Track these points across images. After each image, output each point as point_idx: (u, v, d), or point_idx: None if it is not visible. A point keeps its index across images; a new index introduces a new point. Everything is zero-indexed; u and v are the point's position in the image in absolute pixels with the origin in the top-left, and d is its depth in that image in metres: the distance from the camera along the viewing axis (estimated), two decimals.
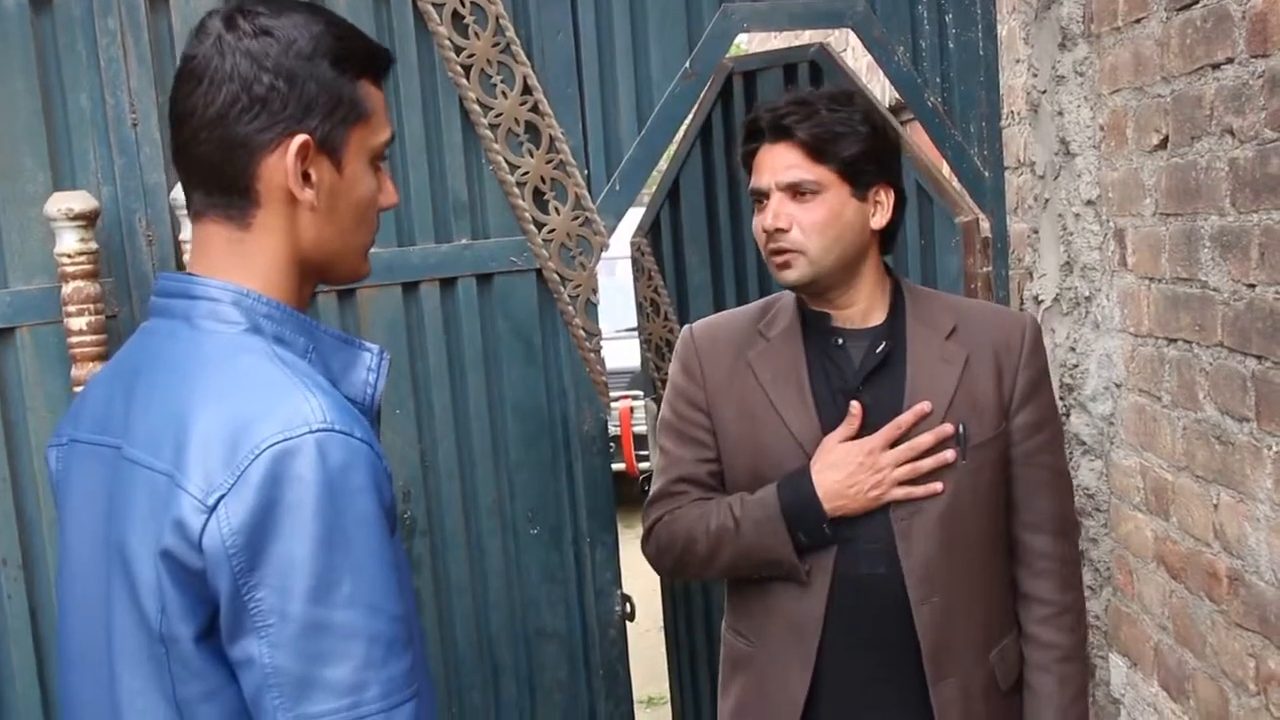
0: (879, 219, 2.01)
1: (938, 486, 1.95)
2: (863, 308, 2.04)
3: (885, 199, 2.01)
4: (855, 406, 1.97)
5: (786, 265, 1.98)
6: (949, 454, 1.95)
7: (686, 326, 2.22)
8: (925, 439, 1.95)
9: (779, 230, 1.96)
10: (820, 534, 1.97)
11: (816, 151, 1.95)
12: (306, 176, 1.30)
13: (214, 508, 1.15)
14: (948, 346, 2.02)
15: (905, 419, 1.96)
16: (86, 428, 1.36)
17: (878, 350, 2.02)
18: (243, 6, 1.29)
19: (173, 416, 1.21)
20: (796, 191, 1.96)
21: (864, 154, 1.96)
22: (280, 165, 1.28)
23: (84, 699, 1.32)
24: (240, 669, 1.18)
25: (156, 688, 1.22)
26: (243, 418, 1.18)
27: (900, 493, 1.95)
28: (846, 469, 1.95)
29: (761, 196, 2.00)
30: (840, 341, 2.05)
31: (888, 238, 2.06)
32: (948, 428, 1.96)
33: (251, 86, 1.26)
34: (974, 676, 2.00)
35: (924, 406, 1.97)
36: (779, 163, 1.97)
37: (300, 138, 1.28)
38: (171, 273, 1.33)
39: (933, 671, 1.99)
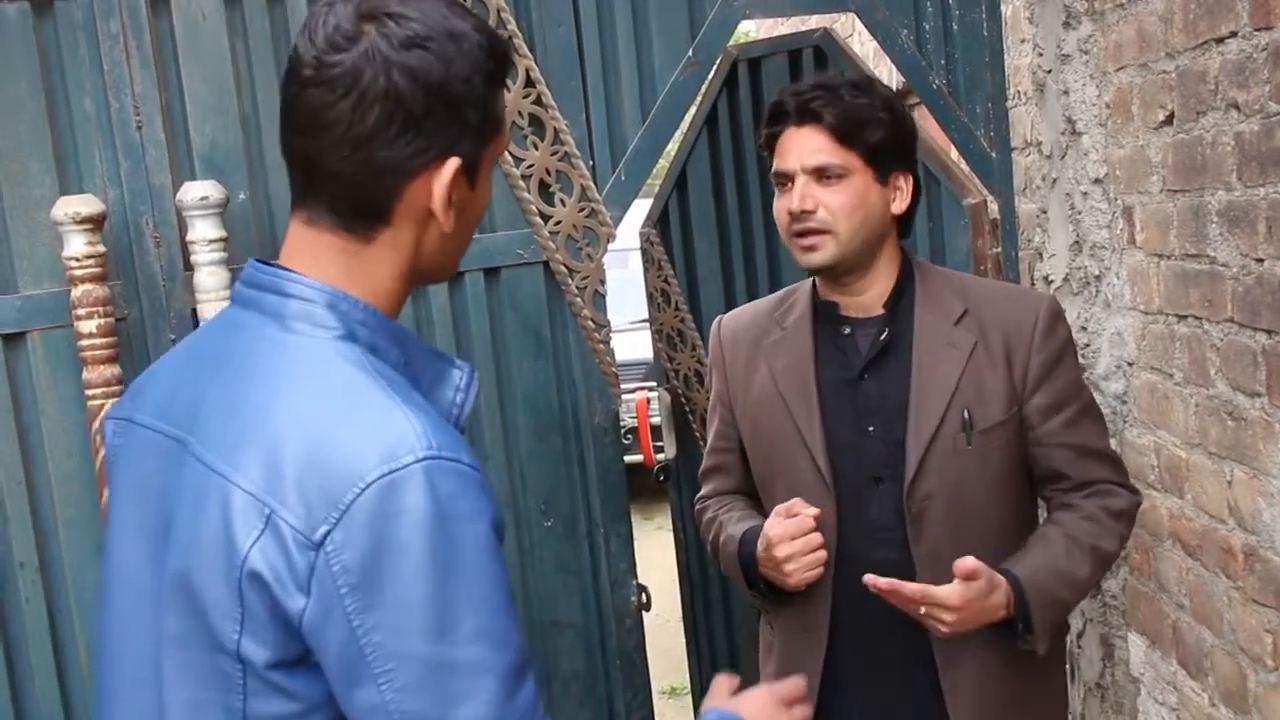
0: (899, 204, 2.04)
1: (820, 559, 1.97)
2: (874, 294, 2.06)
3: (905, 185, 2.04)
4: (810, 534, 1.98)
5: (812, 248, 1.99)
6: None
7: (717, 319, 2.30)
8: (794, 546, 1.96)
9: (805, 212, 1.97)
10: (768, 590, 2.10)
11: (844, 136, 1.97)
12: (450, 198, 1.23)
13: (320, 544, 1.08)
14: (956, 332, 2.02)
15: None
16: (148, 411, 1.28)
17: (881, 338, 2.03)
18: (386, 7, 1.18)
19: (261, 429, 1.14)
20: (823, 175, 1.97)
21: (887, 140, 1.99)
22: (425, 188, 1.20)
23: (122, 695, 1.26)
24: (355, 716, 1.12)
25: (218, 700, 1.15)
26: (343, 442, 1.11)
27: (793, 580, 1.97)
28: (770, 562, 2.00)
29: (786, 179, 2.01)
30: (848, 330, 2.06)
31: (905, 223, 2.08)
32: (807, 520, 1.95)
33: (409, 106, 1.16)
34: (988, 662, 2.00)
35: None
36: (806, 146, 1.98)
37: (454, 162, 1.20)
38: (263, 262, 1.25)
39: (943, 658, 1.99)
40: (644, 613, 2.74)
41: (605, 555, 2.70)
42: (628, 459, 2.84)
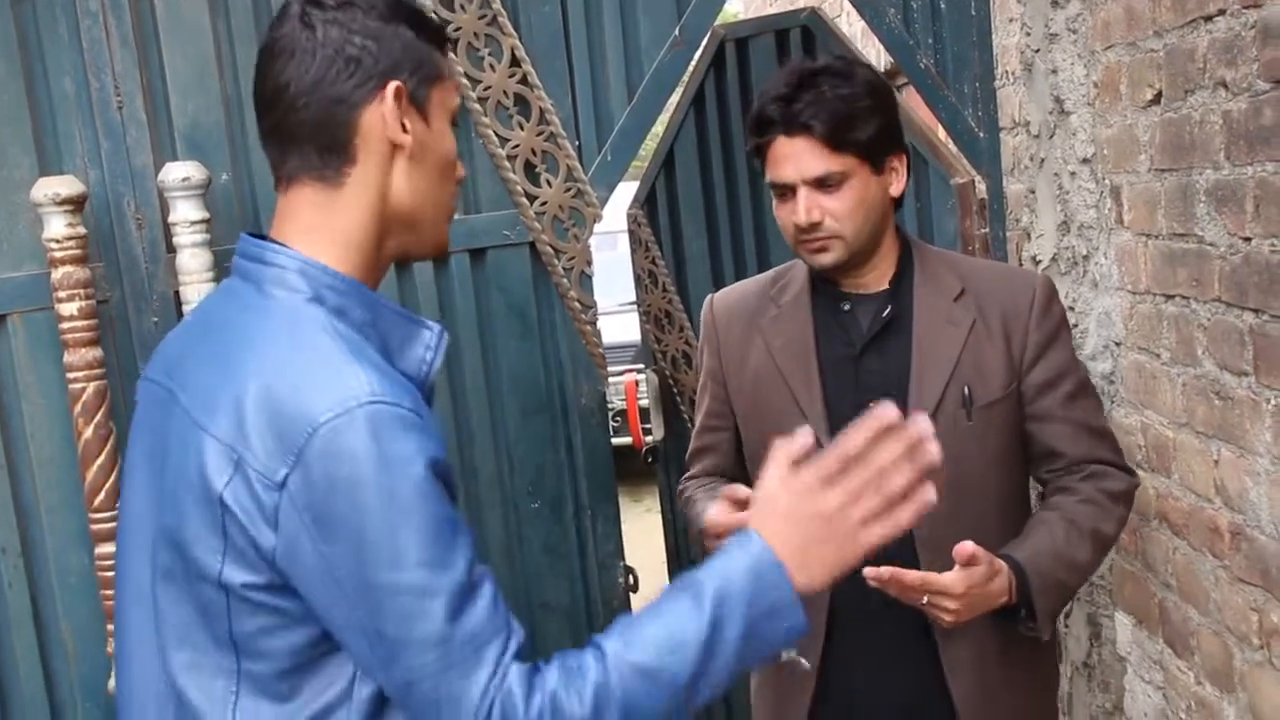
0: (896, 186, 2.03)
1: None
2: (877, 274, 2.06)
3: (900, 165, 2.03)
4: None
5: (823, 250, 1.98)
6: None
7: (709, 297, 2.28)
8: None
9: (814, 223, 1.95)
10: None
11: (837, 141, 1.93)
12: (402, 125, 1.37)
13: (283, 485, 1.21)
14: (955, 309, 2.02)
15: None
16: (158, 369, 1.42)
17: (884, 314, 2.02)
18: None
19: (231, 382, 1.27)
20: (823, 183, 1.95)
21: (878, 131, 1.96)
22: (378, 114, 1.36)
23: (129, 616, 1.39)
24: (342, 634, 1.25)
25: (204, 626, 1.28)
26: (299, 393, 1.23)
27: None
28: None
29: (786, 190, 1.99)
30: (848, 307, 2.06)
31: (898, 200, 2.07)
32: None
33: (344, 49, 1.35)
34: (988, 638, 2.00)
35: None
36: (801, 157, 1.95)
37: (394, 84, 1.36)
38: (254, 235, 1.40)
39: (943, 636, 1.99)
40: (631, 594, 2.74)
41: (592, 537, 2.69)
42: (616, 441, 2.83)
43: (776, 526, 1.36)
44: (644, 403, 7.08)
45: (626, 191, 3.93)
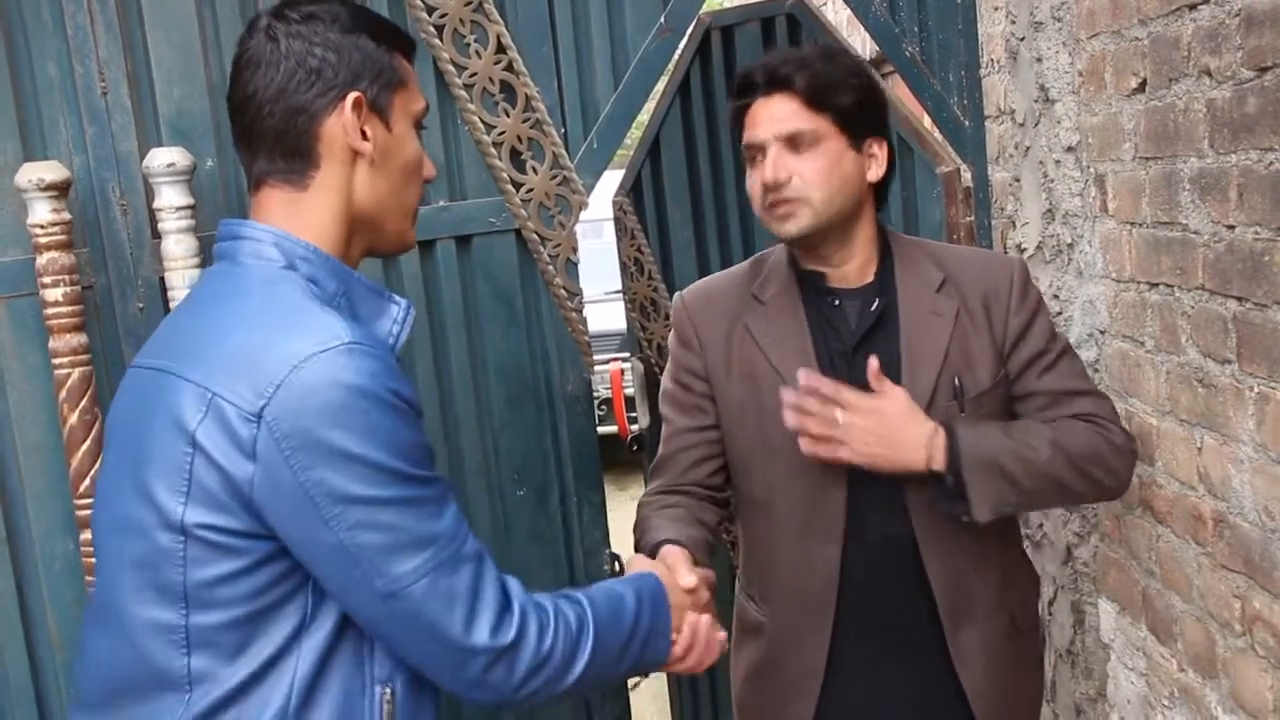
0: (874, 172, 2.01)
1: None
2: (857, 265, 2.04)
3: (879, 152, 2.01)
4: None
5: (788, 216, 1.95)
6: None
7: (678, 294, 2.22)
8: None
9: (779, 183, 1.93)
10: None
11: (815, 100, 1.93)
12: (363, 133, 1.48)
13: (260, 415, 1.30)
14: (939, 299, 2.01)
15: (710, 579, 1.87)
16: (142, 355, 1.51)
17: (873, 308, 2.01)
18: (289, 1, 1.50)
19: (207, 335, 1.38)
20: (796, 143, 1.94)
21: (859, 104, 1.96)
22: (338, 124, 1.46)
23: (102, 578, 1.47)
24: (319, 562, 1.35)
25: (155, 581, 1.36)
26: (279, 338, 1.34)
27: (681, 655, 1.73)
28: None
29: (757, 151, 1.97)
30: (836, 301, 2.04)
31: (881, 192, 2.06)
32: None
33: (306, 60, 1.45)
34: (993, 622, 2.02)
35: None
36: (777, 113, 1.95)
37: (354, 94, 1.47)
38: (231, 218, 1.51)
39: (950, 623, 2.00)
40: None
41: (578, 524, 2.69)
42: (602, 430, 2.83)
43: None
44: (629, 391, 7.09)
45: (612, 179, 3.92)
